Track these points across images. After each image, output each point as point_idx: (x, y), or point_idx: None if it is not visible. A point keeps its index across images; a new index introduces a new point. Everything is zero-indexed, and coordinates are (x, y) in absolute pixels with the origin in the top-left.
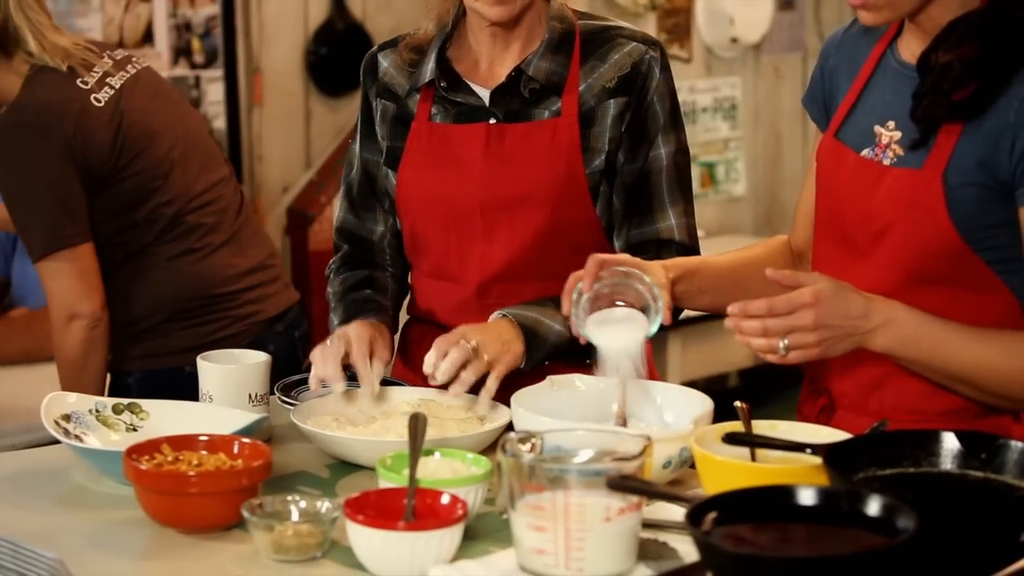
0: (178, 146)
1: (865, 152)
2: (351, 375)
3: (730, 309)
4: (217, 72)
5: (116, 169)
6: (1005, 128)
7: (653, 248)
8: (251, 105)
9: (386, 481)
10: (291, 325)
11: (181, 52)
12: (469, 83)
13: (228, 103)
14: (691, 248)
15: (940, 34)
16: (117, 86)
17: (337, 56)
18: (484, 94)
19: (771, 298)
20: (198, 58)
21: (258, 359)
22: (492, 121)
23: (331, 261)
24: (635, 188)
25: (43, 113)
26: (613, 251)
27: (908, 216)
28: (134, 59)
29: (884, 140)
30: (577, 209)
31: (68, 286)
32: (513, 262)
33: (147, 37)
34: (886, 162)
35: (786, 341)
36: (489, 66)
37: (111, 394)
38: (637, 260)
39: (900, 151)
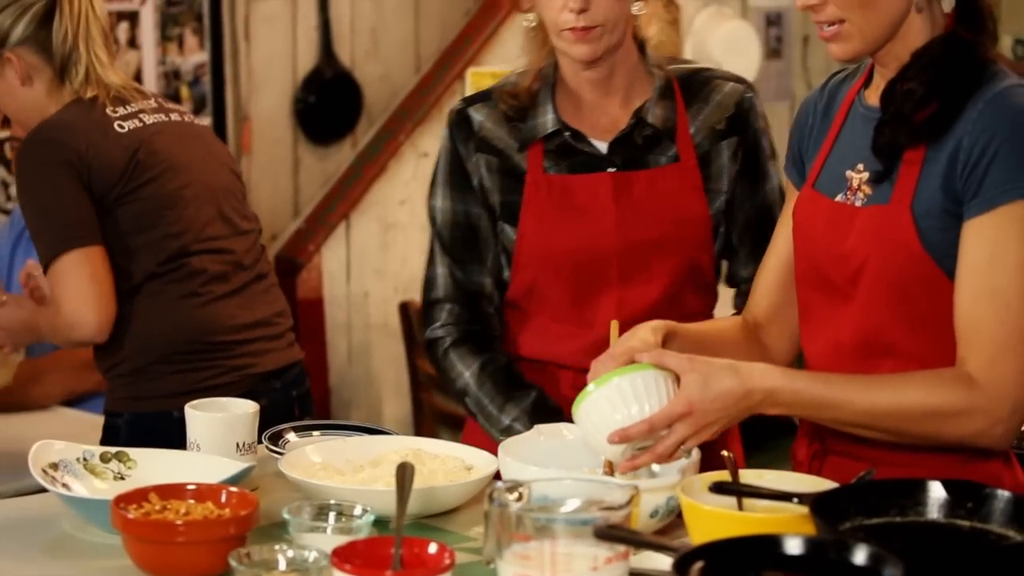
0: (195, 187)
1: (839, 198)
2: (331, 426)
3: (610, 437)
4: (205, 120)
5: (124, 192)
6: (959, 151)
7: None
8: (239, 153)
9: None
10: (290, 383)
11: (169, 99)
12: (584, 133)
13: None
14: None
15: (903, 68)
16: (148, 122)
17: (325, 104)
18: (599, 143)
19: (650, 421)
20: (186, 106)
21: (246, 408)
22: (611, 170)
23: (435, 329)
24: (758, 222)
25: (59, 130)
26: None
27: (880, 251)
28: (184, 110)
29: (855, 183)
30: (704, 250)
31: (77, 289)
32: (651, 304)
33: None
34: (857, 203)
35: (682, 454)
36: (592, 116)
37: (102, 433)
38: (629, 335)
39: (869, 190)
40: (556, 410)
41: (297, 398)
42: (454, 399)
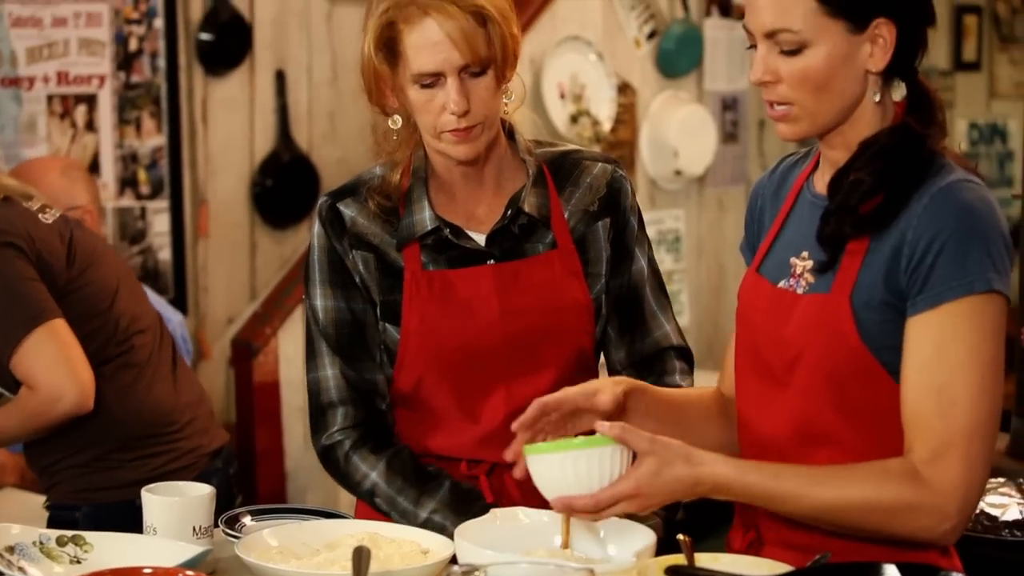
0: (118, 273)
1: (781, 283)
2: (287, 510)
3: (553, 503)
4: (163, 203)
5: (70, 279)
6: (903, 245)
7: (657, 360)
8: (196, 236)
9: None
10: (226, 462)
11: (127, 183)
12: (461, 227)
13: (174, 234)
14: (687, 349)
15: (851, 158)
16: (57, 215)
17: (283, 188)
18: (476, 235)
19: (596, 499)
20: (144, 189)
21: (202, 491)
22: (491, 262)
23: (331, 434)
24: (626, 302)
25: None
26: (607, 372)
27: (819, 340)
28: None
29: (798, 270)
30: (588, 335)
31: (51, 362)
32: (539, 393)
33: (93, 167)
34: (799, 291)
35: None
36: (466, 208)
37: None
38: (581, 388)
39: (811, 279)
40: (472, 493)
41: (233, 476)
42: (363, 500)
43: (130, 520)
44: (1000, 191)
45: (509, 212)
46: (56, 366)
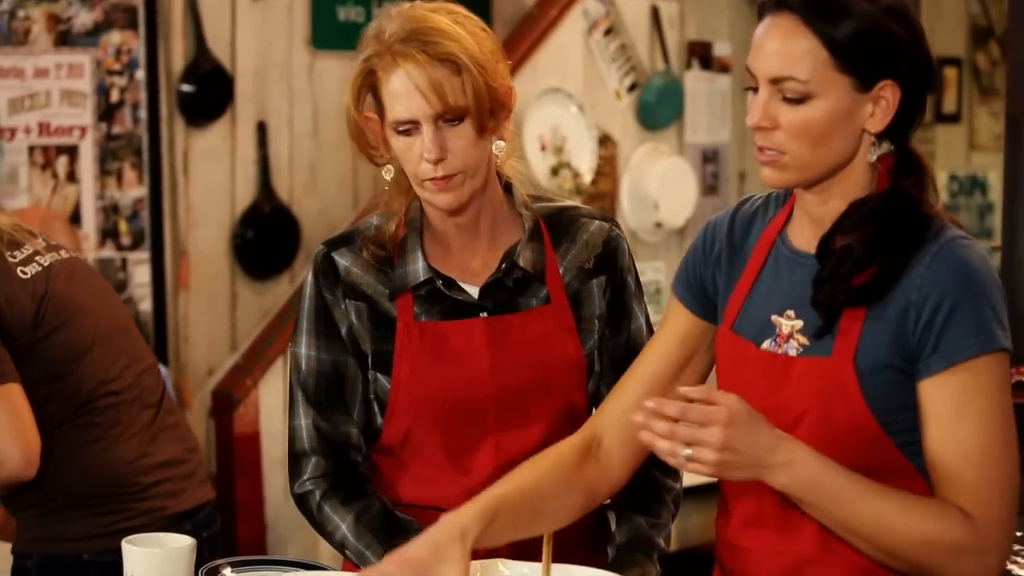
0: (99, 329)
1: (766, 344)
2: (268, 562)
3: (645, 402)
4: (144, 254)
5: (34, 340)
6: (909, 307)
7: None
8: (177, 287)
9: None
10: (201, 524)
11: (108, 234)
12: (454, 278)
13: (154, 285)
14: None
15: (839, 219)
16: (45, 264)
17: (263, 239)
18: (470, 287)
19: (688, 404)
20: (125, 240)
21: (183, 543)
22: (483, 315)
23: (303, 483)
24: (624, 361)
25: None
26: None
27: (821, 404)
28: (63, 250)
29: (785, 330)
30: (579, 390)
31: None
32: (529, 448)
33: (74, 218)
34: (791, 353)
35: (688, 451)
36: (461, 260)
37: (11, 574)
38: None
39: (805, 340)
40: None
41: (207, 539)
42: (336, 550)
43: (78, 574)
44: (980, 243)
45: (504, 265)
46: (2, 432)
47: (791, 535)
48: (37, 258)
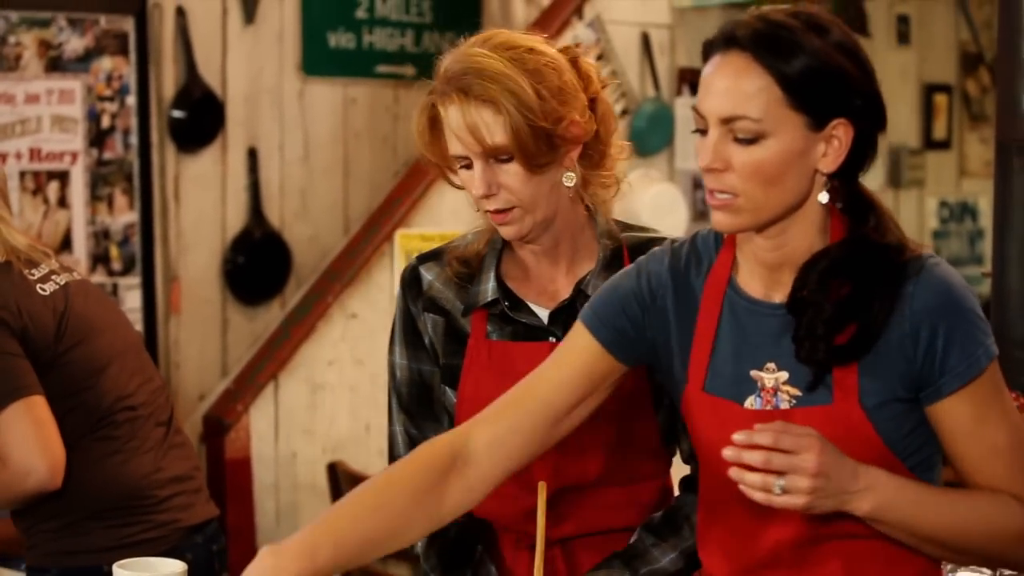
0: (115, 346)
1: (750, 401)
2: None
3: (734, 437)
4: (135, 279)
5: (56, 355)
6: (903, 339)
7: None
8: (168, 313)
9: None
10: (210, 538)
11: (99, 259)
12: (527, 302)
13: (145, 310)
14: None
15: (802, 272)
16: (62, 283)
17: (254, 265)
18: (541, 313)
19: (778, 432)
20: (116, 265)
21: (175, 568)
22: (552, 340)
23: None
24: None
25: None
26: (671, 455)
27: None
28: (75, 271)
29: (769, 384)
30: (643, 418)
31: (23, 438)
32: (586, 472)
33: (66, 243)
34: (783, 406)
35: (782, 482)
36: (539, 283)
37: None
38: None
39: (795, 391)
40: None
41: (217, 553)
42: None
43: None
44: (970, 269)
45: (574, 293)
46: (28, 443)
47: None
48: (54, 277)
